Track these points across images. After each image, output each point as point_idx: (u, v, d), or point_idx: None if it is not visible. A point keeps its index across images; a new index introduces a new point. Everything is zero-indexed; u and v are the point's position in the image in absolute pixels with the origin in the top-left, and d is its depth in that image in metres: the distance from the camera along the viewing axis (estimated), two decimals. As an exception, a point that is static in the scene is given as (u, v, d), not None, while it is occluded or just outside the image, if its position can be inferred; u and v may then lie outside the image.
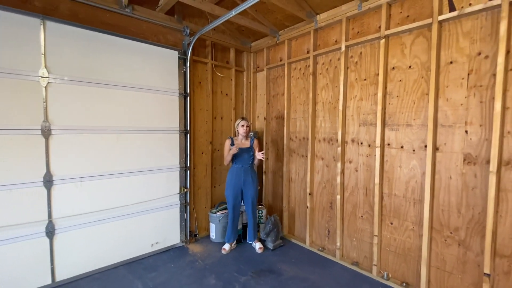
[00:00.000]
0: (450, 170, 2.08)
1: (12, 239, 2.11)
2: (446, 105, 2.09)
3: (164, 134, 2.96)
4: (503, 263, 1.86)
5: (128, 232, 2.72)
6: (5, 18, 2.04)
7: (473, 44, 1.96)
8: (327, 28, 2.92)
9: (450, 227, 2.10)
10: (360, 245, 2.69)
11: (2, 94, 2.03)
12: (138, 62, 2.74)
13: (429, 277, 2.21)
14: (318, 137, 3.07)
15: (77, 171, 2.39)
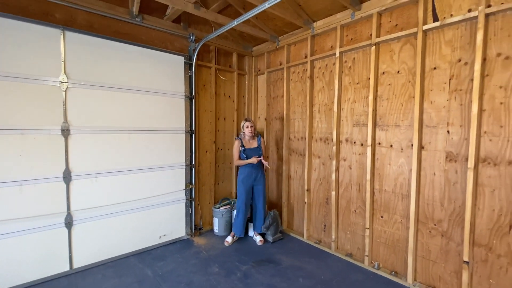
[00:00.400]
0: (434, 167, 2.27)
1: (36, 229, 2.34)
2: (430, 108, 2.28)
3: (171, 134, 3.18)
4: (481, 252, 2.04)
5: (138, 225, 2.94)
6: (30, 29, 2.27)
7: (454, 51, 2.14)
8: (323, 35, 3.12)
9: (434, 219, 2.28)
10: (353, 238, 2.88)
11: (27, 98, 2.26)
12: (148, 67, 2.96)
13: (416, 266, 2.40)
14: (315, 137, 3.26)
15: (92, 168, 2.61)
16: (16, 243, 2.25)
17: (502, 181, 1.93)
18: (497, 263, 1.97)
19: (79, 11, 2.54)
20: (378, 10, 2.54)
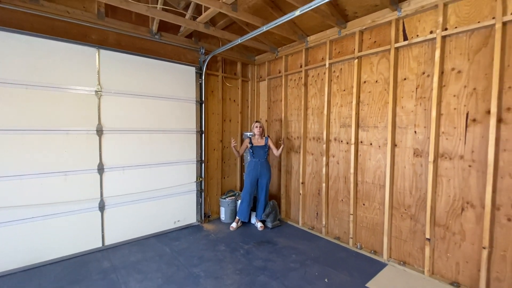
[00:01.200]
0: (404, 161, 2.72)
1: (76, 211, 2.87)
2: (401, 112, 2.73)
3: (184, 134, 3.69)
4: (440, 230, 2.48)
5: (157, 211, 3.46)
6: (72, 49, 2.80)
7: (419, 65, 2.59)
8: (315, 48, 3.58)
9: (405, 205, 2.73)
10: (340, 223, 3.34)
11: (70, 104, 2.80)
12: (165, 77, 3.48)
13: (390, 244, 2.84)
14: (309, 136, 3.73)
15: (121, 162, 3.14)
16: (62, 222, 2.79)
17: (455, 172, 2.37)
18: (452, 240, 2.41)
19: (110, 32, 3.06)
20: (360, 29, 2.99)
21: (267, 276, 2.54)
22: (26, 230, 2.60)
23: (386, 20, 2.76)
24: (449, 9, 2.38)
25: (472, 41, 2.27)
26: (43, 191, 2.68)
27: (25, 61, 2.57)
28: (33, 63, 2.61)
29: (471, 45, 2.27)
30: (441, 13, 2.38)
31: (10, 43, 2.50)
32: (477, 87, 2.24)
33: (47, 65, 2.68)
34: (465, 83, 2.31)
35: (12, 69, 2.51)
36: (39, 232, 2.67)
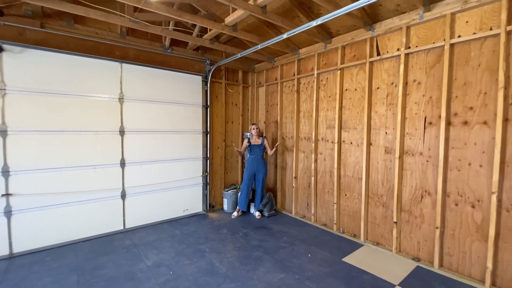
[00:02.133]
0: (378, 158, 3.21)
1: (103, 198, 3.45)
2: (375, 116, 3.22)
3: (192, 134, 4.24)
4: (404, 215, 2.97)
5: (169, 200, 4.02)
6: (100, 63, 3.38)
7: (389, 77, 3.08)
8: (306, 59, 4.09)
9: (378, 194, 3.22)
10: (327, 212, 3.84)
11: (99, 109, 3.37)
12: (175, 85, 4.04)
13: (367, 229, 3.34)
14: (300, 136, 4.24)
15: (139, 158, 3.71)
16: (92, 207, 3.37)
17: (416, 166, 2.86)
18: (414, 222, 2.90)
19: (130, 49, 3.64)
20: (342, 44, 3.50)
21: (261, 252, 3.07)
22: (63, 213, 3.19)
23: (362, 38, 3.26)
24: (411, 31, 2.87)
25: (428, 58, 2.75)
26: (77, 181, 3.26)
27: (64, 74, 3.16)
28: (69, 76, 3.19)
29: (428, 61, 2.76)
30: (405, 34, 2.87)
31: (53, 61, 3.09)
32: (432, 96, 2.73)
33: (80, 78, 3.26)
34: (423, 92, 2.79)
35: (54, 81, 3.10)
36: (73, 215, 3.25)
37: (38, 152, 3.01)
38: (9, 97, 2.85)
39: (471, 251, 2.50)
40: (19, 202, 2.93)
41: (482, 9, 2.40)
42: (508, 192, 2.28)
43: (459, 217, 2.57)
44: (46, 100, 3.05)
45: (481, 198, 2.43)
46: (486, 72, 2.38)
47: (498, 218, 2.33)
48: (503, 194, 2.31)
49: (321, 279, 2.52)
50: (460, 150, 2.55)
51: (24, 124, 2.93)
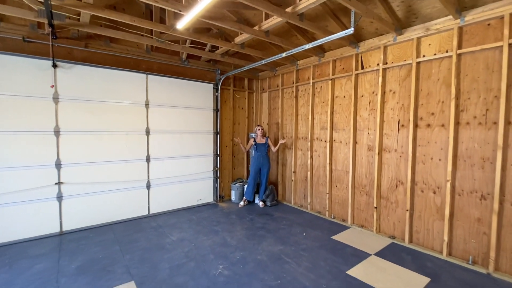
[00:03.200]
0: (362, 154, 3.84)
1: (132, 188, 4.12)
2: (360, 119, 3.85)
3: (204, 134, 4.91)
4: (383, 201, 3.59)
5: (185, 191, 4.69)
6: (130, 75, 4.05)
7: (371, 86, 3.71)
8: (303, 69, 4.73)
9: (362, 185, 3.85)
10: (321, 201, 4.48)
11: (130, 114, 4.05)
12: (191, 92, 4.70)
13: (353, 214, 3.97)
14: (299, 136, 4.88)
15: (161, 154, 4.38)
16: (123, 195, 4.05)
17: (392, 161, 3.49)
18: (391, 207, 3.52)
19: (154, 62, 4.31)
20: (333, 58, 4.13)
21: (264, 231, 3.71)
22: (101, 199, 3.86)
23: (350, 54, 3.90)
24: (388, 50, 3.50)
25: (401, 72, 3.38)
26: (112, 173, 3.94)
27: (102, 85, 3.84)
28: (106, 86, 3.87)
29: (401, 75, 3.39)
30: (383, 52, 3.50)
31: (94, 74, 3.77)
32: (404, 103, 3.35)
33: (114, 87, 3.94)
34: (397, 100, 3.42)
35: (95, 91, 3.78)
36: (109, 201, 3.93)
37: (82, 148, 3.70)
38: (61, 104, 3.54)
39: (433, 228, 3.12)
40: (68, 189, 3.62)
41: (440, 35, 3.02)
42: (460, 180, 2.90)
43: (424, 201, 3.19)
44: (88, 106, 3.73)
45: (440, 185, 3.06)
46: (443, 85, 3.00)
47: (452, 201, 2.95)
48: (456, 181, 2.93)
49: (312, 250, 3.16)
50: (425, 147, 3.17)
51: (72, 126, 3.62)
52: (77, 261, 2.86)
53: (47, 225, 3.50)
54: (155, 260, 2.89)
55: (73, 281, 2.50)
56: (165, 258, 2.93)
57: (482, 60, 2.73)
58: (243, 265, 2.79)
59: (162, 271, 2.67)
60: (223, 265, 2.80)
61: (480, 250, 2.78)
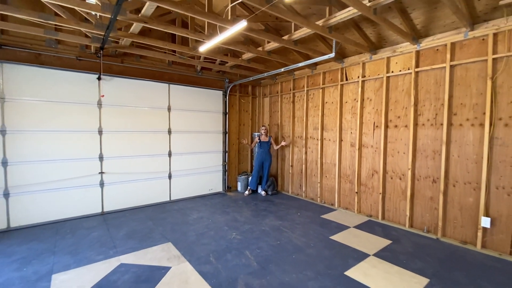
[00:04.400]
0: (346, 150, 4.70)
1: (157, 178, 4.98)
2: (344, 121, 4.71)
3: (215, 134, 5.77)
4: (362, 187, 4.45)
5: (199, 181, 5.55)
6: (155, 85, 4.92)
7: (353, 94, 4.58)
8: (299, 79, 5.60)
9: (346, 175, 4.71)
10: (313, 189, 5.34)
11: (156, 116, 4.91)
12: (204, 98, 5.57)
13: (340, 199, 4.83)
14: (295, 135, 5.74)
15: (180, 150, 5.25)
16: (150, 184, 4.91)
17: (369, 155, 4.35)
18: (368, 192, 4.38)
19: (175, 74, 5.18)
20: (323, 71, 5.00)
21: (266, 212, 4.57)
22: (133, 186, 4.72)
23: (336, 68, 4.76)
24: (366, 66, 4.36)
25: (376, 84, 4.24)
26: (142, 165, 4.80)
27: (133, 93, 4.70)
28: (137, 94, 4.74)
29: (375, 86, 4.25)
30: (361, 68, 4.36)
31: (127, 85, 4.63)
32: (378, 108, 4.21)
33: (144, 95, 4.80)
34: (372, 106, 4.28)
35: (128, 98, 4.64)
36: (139, 188, 4.79)
37: (118, 145, 4.56)
38: (103, 109, 4.40)
39: (399, 207, 3.98)
40: (108, 178, 4.48)
41: (404, 56, 3.89)
42: (418, 168, 3.76)
43: (393, 186, 4.05)
44: (123, 110, 4.59)
45: (404, 173, 3.92)
46: (406, 95, 3.87)
47: (413, 185, 3.81)
48: (415, 170, 3.79)
49: (304, 224, 4.01)
50: (393, 143, 4.04)
51: (111, 126, 4.48)
52: (123, 231, 3.72)
53: (91, 206, 4.36)
54: (183, 230, 3.74)
55: (124, 242, 3.35)
56: (190, 229, 3.79)
57: (433, 76, 3.59)
58: (251, 233, 3.65)
59: (190, 236, 3.53)
60: (235, 233, 3.66)
61: (432, 221, 3.64)
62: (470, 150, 3.28)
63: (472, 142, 3.26)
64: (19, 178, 3.78)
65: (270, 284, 2.46)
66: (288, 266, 2.78)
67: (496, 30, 3.02)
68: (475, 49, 3.22)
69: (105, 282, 2.47)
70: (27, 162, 3.83)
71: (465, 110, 3.31)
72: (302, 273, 2.66)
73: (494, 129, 3.09)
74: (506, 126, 3.00)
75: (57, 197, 4.06)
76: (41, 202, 3.94)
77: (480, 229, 3.17)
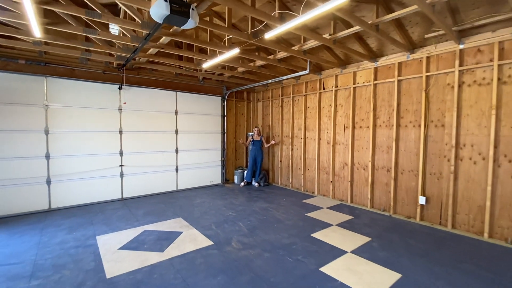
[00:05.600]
0: (324, 147, 5.67)
1: (166, 171, 5.94)
2: (322, 123, 5.69)
3: (215, 134, 6.73)
4: (336, 177, 5.42)
5: (201, 174, 6.51)
6: (165, 93, 5.88)
7: (329, 101, 5.55)
8: (286, 87, 6.57)
9: (324, 167, 5.68)
10: (298, 181, 6.30)
11: (165, 119, 5.87)
12: (205, 103, 6.53)
13: (319, 188, 5.79)
14: (284, 135, 6.71)
15: (185, 148, 6.20)
16: (160, 175, 5.86)
17: (341, 150, 5.32)
18: (341, 181, 5.35)
19: (180, 83, 6.14)
20: (305, 81, 5.98)
21: (257, 198, 5.53)
22: (147, 177, 5.67)
23: (315, 78, 5.74)
24: (338, 78, 5.34)
25: (345, 92, 5.22)
26: (153, 160, 5.75)
27: (147, 99, 5.66)
28: (150, 101, 5.69)
29: (345, 94, 5.22)
30: (334, 79, 5.34)
31: (142, 93, 5.59)
32: (347, 112, 5.19)
33: (155, 101, 5.76)
34: (344, 110, 5.26)
35: (142, 104, 5.59)
36: (151, 179, 5.74)
37: (135, 143, 5.51)
38: (123, 113, 5.35)
39: (364, 192, 4.95)
40: (126, 170, 5.43)
41: (366, 71, 4.86)
42: (376, 160, 4.73)
43: (359, 175, 5.02)
44: (139, 114, 5.55)
45: (366, 165, 4.88)
46: (368, 102, 4.84)
47: (373, 174, 4.78)
48: (375, 162, 4.76)
49: (288, 206, 4.97)
50: (359, 141, 5.01)
51: (129, 127, 5.43)
52: (142, 211, 4.67)
53: (113, 193, 5.31)
54: (190, 210, 4.70)
55: (144, 218, 4.30)
56: (195, 209, 4.74)
57: (387, 88, 4.57)
58: (243, 212, 4.61)
59: (196, 214, 4.49)
60: (231, 211, 4.62)
61: (387, 202, 4.60)
62: (412, 145, 4.25)
63: (414, 139, 4.23)
64: (58, 169, 4.72)
65: (255, 240, 3.42)
66: (270, 231, 3.74)
67: (428, 54, 4.00)
68: (415, 68, 4.20)
69: (136, 240, 3.42)
70: (64, 156, 4.77)
71: (409, 115, 4.29)
72: (279, 234, 3.62)
73: (427, 129, 4.06)
74: (436, 127, 3.98)
75: (87, 184, 5.00)
76: (74, 188, 4.88)
77: (419, 206, 4.14)
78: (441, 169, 3.93)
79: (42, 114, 4.57)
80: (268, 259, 2.94)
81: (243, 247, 3.24)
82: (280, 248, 3.21)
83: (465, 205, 3.70)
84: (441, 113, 3.92)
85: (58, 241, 3.37)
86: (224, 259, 2.95)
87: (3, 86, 4.26)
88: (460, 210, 3.75)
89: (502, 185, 3.38)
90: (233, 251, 3.14)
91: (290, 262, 2.87)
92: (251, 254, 3.06)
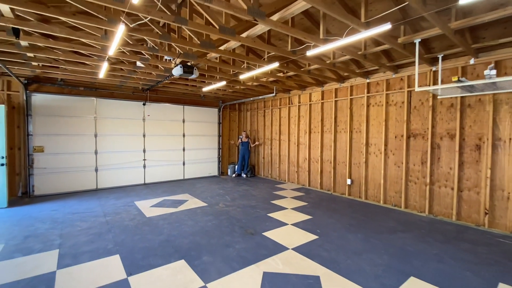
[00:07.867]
0: (292, 146, 7.69)
1: (176, 164, 8.02)
2: (291, 129, 7.72)
3: (213, 137, 8.81)
4: (299, 168, 7.43)
5: (202, 167, 8.57)
6: (175, 107, 7.98)
7: (295, 113, 7.58)
8: (267, 100, 8.62)
9: (293, 161, 7.70)
10: (275, 172, 8.32)
11: (175, 126, 7.97)
12: (205, 113, 8.62)
13: (289, 177, 7.80)
14: (265, 138, 8.75)
15: (190, 147, 8.28)
16: (171, 167, 7.94)
17: (304, 149, 7.34)
18: (303, 171, 7.36)
19: (187, 99, 8.25)
20: (280, 97, 8.03)
21: (244, 184, 7.57)
22: (162, 168, 7.76)
23: (286, 96, 7.78)
24: (300, 96, 7.37)
25: (305, 107, 7.24)
26: (167, 156, 7.84)
27: (163, 112, 7.76)
28: (164, 112, 7.80)
29: (306, 109, 7.25)
30: (298, 97, 7.38)
31: (160, 107, 7.70)
32: (307, 122, 7.20)
33: (168, 113, 7.86)
34: (305, 120, 7.28)
35: (160, 115, 7.70)
36: (165, 169, 7.83)
37: (154, 143, 7.60)
38: (146, 122, 7.46)
39: (316, 178, 6.94)
40: (148, 163, 7.52)
41: (317, 92, 6.89)
42: (323, 156, 6.74)
43: (314, 166, 7.03)
44: (157, 123, 7.65)
45: (318, 159, 6.89)
46: (318, 115, 6.86)
47: (322, 165, 6.78)
48: (323, 157, 6.77)
49: (262, 188, 7.00)
50: (314, 142, 7.02)
51: (150, 132, 7.53)
52: (160, 190, 6.73)
53: (138, 179, 7.40)
54: (193, 190, 6.75)
55: (162, 193, 6.36)
56: (197, 190, 6.80)
57: (329, 105, 6.58)
58: (230, 191, 6.64)
59: (197, 192, 6.54)
60: (222, 190, 6.66)
61: (330, 184, 6.59)
62: (344, 145, 6.26)
63: (345, 141, 6.24)
64: (102, 161, 6.83)
65: (234, 204, 5.45)
66: (245, 200, 5.77)
67: (351, 84, 6.02)
68: (344, 92, 6.22)
69: (159, 204, 5.48)
70: (106, 152, 6.88)
71: (342, 124, 6.30)
72: (250, 201, 5.65)
73: (352, 134, 6.07)
74: (356, 132, 5.98)
75: (120, 172, 7.10)
76: (112, 175, 6.98)
77: (347, 185, 6.13)
78: (359, 160, 5.92)
79: (93, 123, 6.69)
80: (240, 211, 4.97)
81: (225, 206, 5.28)
82: (248, 207, 5.23)
83: (371, 183, 5.69)
84: (359, 123, 5.92)
85: (111, 203, 5.45)
86: (213, 211, 4.99)
87: (69, 105, 6.40)
88: (369, 187, 5.74)
89: (389, 170, 5.37)
90: (219, 208, 5.18)
91: (251, 212, 4.90)
92: (230, 209, 5.10)
